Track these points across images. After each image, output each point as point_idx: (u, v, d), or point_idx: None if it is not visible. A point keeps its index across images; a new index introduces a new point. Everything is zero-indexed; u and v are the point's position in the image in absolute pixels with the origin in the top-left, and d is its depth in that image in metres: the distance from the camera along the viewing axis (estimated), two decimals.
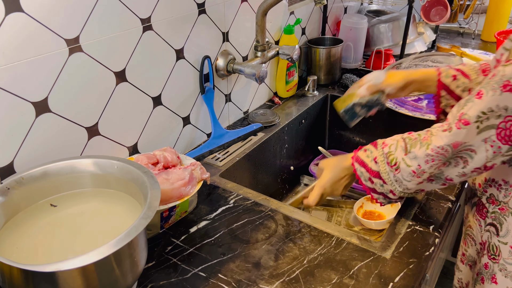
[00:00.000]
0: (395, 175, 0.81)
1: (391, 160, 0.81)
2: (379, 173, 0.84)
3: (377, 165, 0.84)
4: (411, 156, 0.78)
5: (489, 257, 0.89)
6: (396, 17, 1.72)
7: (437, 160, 0.75)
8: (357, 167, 0.87)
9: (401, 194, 0.84)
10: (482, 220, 0.91)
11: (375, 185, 0.85)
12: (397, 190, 0.83)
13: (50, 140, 0.85)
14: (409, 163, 0.78)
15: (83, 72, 0.86)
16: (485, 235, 0.90)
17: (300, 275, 0.79)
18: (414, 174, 0.78)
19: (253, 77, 1.17)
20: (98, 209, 0.78)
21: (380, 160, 0.84)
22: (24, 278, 0.60)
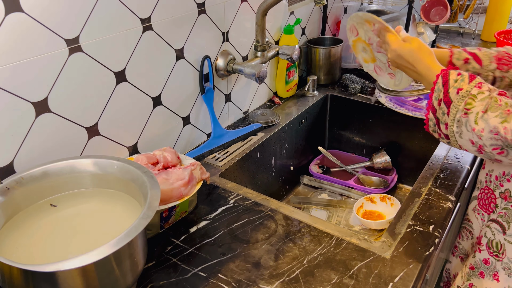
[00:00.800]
0: (461, 117, 0.77)
1: (468, 103, 0.77)
2: (451, 104, 0.78)
3: (457, 96, 0.78)
4: (485, 117, 0.74)
5: (490, 253, 0.89)
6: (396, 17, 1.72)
7: (496, 140, 0.72)
8: (439, 81, 0.82)
9: (451, 134, 0.80)
10: (486, 215, 0.90)
11: (439, 108, 0.81)
12: (451, 128, 0.79)
13: (50, 140, 0.85)
14: (478, 121, 0.75)
15: (83, 72, 0.86)
16: (484, 230, 0.90)
17: (300, 275, 0.79)
18: (474, 131, 0.75)
19: (253, 77, 1.17)
20: (98, 209, 0.78)
21: (461, 95, 0.78)
22: (24, 278, 0.60)
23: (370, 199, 1.27)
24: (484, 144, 0.74)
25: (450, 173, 1.08)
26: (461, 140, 0.78)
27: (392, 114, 1.38)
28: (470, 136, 0.76)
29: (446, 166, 1.11)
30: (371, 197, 1.27)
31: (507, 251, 0.85)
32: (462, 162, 1.13)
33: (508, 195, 0.85)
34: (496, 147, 0.73)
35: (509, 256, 0.85)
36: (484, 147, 0.75)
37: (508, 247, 0.85)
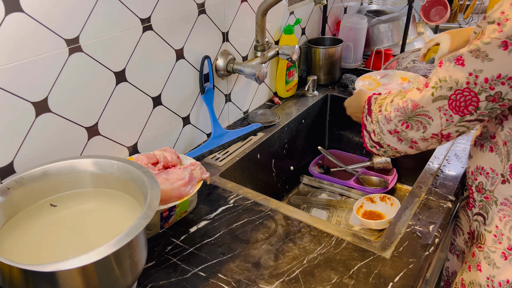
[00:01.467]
0: (377, 116, 0.90)
1: (381, 103, 0.90)
2: (372, 113, 0.92)
3: (375, 106, 0.92)
4: (392, 103, 0.86)
5: (477, 246, 0.92)
6: (396, 17, 1.72)
7: (400, 112, 0.83)
8: (365, 105, 0.96)
9: (378, 138, 0.90)
10: (469, 211, 0.94)
11: (367, 122, 0.94)
12: (376, 131, 0.90)
13: (50, 140, 0.85)
14: (388, 108, 0.87)
15: (83, 72, 0.87)
16: (474, 225, 0.93)
17: (300, 275, 0.79)
18: (385, 119, 0.87)
19: (253, 77, 1.17)
20: (98, 209, 0.78)
21: (378, 103, 0.92)
22: (24, 278, 0.60)
23: (370, 199, 1.27)
24: (395, 124, 0.85)
25: (449, 173, 1.08)
26: (385, 137, 0.89)
27: None
28: (387, 127, 0.87)
29: (446, 166, 1.11)
30: (371, 197, 1.27)
31: (487, 240, 0.88)
32: (462, 162, 1.13)
33: (481, 187, 0.90)
34: (402, 121, 0.83)
35: (488, 245, 0.88)
36: (396, 127, 0.85)
37: (488, 237, 0.88)
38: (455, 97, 0.75)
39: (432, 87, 0.78)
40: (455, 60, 0.74)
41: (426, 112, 0.80)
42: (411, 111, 0.81)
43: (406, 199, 0.99)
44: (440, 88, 0.77)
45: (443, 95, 0.77)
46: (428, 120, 0.80)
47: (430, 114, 0.79)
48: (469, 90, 0.74)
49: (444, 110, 0.77)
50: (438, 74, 0.77)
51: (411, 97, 0.82)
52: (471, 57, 0.72)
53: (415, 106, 0.81)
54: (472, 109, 0.75)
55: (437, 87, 0.77)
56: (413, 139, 0.85)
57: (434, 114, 0.79)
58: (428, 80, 0.80)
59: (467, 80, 0.73)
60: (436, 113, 0.79)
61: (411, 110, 0.81)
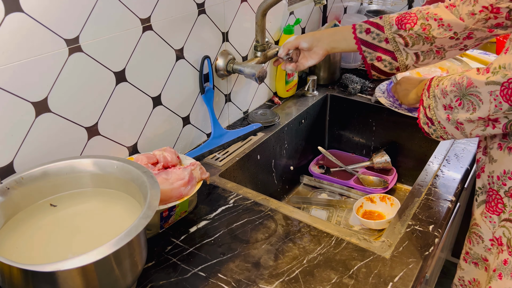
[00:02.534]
0: (435, 91, 0.88)
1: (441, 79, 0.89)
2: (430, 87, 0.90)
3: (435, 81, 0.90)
4: (450, 78, 0.85)
5: (509, 253, 0.87)
6: None
7: (456, 88, 0.81)
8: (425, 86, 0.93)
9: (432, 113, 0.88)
10: (496, 216, 0.90)
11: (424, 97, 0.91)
12: (431, 106, 0.88)
13: (50, 140, 0.85)
14: (445, 83, 0.85)
15: (83, 72, 0.87)
16: (500, 231, 0.89)
17: (299, 275, 0.79)
18: (442, 93, 0.85)
19: (253, 77, 1.17)
20: (97, 209, 0.78)
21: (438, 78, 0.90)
22: (23, 277, 0.60)
23: (370, 199, 1.27)
24: (451, 99, 0.83)
25: (449, 173, 1.08)
26: (438, 112, 0.87)
27: (392, 114, 1.38)
28: (442, 101, 0.85)
29: (446, 166, 1.11)
30: (371, 197, 1.27)
31: None
32: (462, 162, 1.13)
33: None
34: (457, 97, 0.82)
35: None
36: (451, 102, 0.83)
37: None
38: (508, 85, 0.73)
39: (492, 72, 0.76)
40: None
41: (478, 93, 0.78)
42: (466, 87, 0.79)
43: (406, 199, 0.99)
44: (497, 73, 0.75)
45: (497, 81, 0.74)
46: (478, 102, 0.78)
47: (481, 96, 0.77)
48: None
49: (495, 95, 0.75)
50: (500, 60, 0.75)
51: (468, 74, 0.80)
52: None
53: (469, 84, 0.79)
54: None
55: (495, 72, 0.75)
56: (459, 120, 0.83)
57: (485, 97, 0.77)
58: (490, 65, 0.77)
59: None
60: (487, 97, 0.76)
61: (466, 86, 0.79)
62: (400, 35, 0.99)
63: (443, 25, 0.94)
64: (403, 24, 0.99)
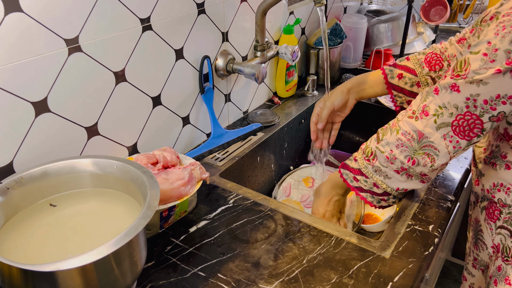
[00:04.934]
0: (374, 165, 0.85)
1: (368, 152, 0.86)
2: (360, 170, 0.88)
3: (357, 162, 0.88)
4: (384, 143, 0.83)
5: (502, 259, 0.89)
6: (396, 17, 1.72)
7: (405, 147, 0.80)
8: (342, 171, 0.92)
9: (383, 186, 0.86)
10: (493, 223, 0.91)
11: (360, 183, 0.88)
12: (379, 181, 0.86)
13: (50, 140, 0.85)
14: (382, 149, 0.83)
15: (83, 72, 0.87)
16: (497, 238, 0.90)
17: (299, 275, 0.79)
18: (388, 160, 0.83)
19: (252, 77, 1.17)
20: (97, 209, 0.78)
21: (359, 157, 0.88)
22: (23, 277, 0.60)
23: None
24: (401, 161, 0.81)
25: (449, 173, 1.08)
26: (391, 181, 0.85)
27: (392, 114, 1.37)
28: (391, 167, 0.83)
29: None
30: None
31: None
32: (462, 162, 1.13)
33: (502, 203, 0.87)
34: (408, 157, 0.81)
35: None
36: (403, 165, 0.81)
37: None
38: (457, 122, 0.74)
39: (433, 115, 0.76)
40: (450, 87, 0.74)
41: (431, 143, 0.78)
42: (418, 141, 0.79)
43: (406, 199, 0.99)
44: (442, 114, 0.75)
45: (446, 122, 0.75)
46: (434, 151, 0.78)
47: (435, 145, 0.78)
48: (470, 113, 0.73)
49: (450, 137, 0.76)
50: (436, 101, 0.76)
51: (411, 127, 0.79)
52: (465, 83, 0.72)
53: (421, 136, 0.78)
54: (478, 131, 0.74)
55: (438, 114, 0.76)
56: (422, 173, 0.82)
57: (439, 144, 0.77)
58: (425, 108, 0.78)
59: (466, 104, 0.72)
60: (441, 142, 0.77)
61: (418, 140, 0.79)
62: (431, 76, 0.99)
63: None
64: (432, 65, 0.99)
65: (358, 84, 1.07)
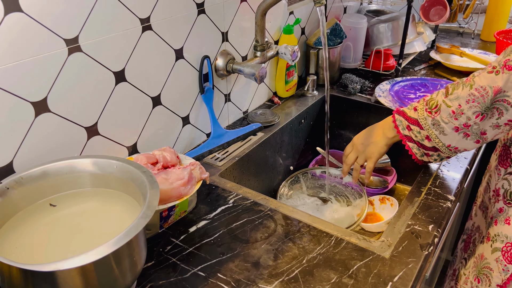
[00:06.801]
0: (434, 118, 0.81)
1: (432, 105, 0.82)
2: (417, 120, 0.84)
3: (416, 112, 0.85)
4: (453, 97, 0.79)
5: (505, 202, 0.89)
6: (396, 17, 1.72)
7: (477, 102, 0.76)
8: (396, 117, 0.89)
9: (435, 141, 0.83)
10: (503, 169, 0.91)
11: (412, 133, 0.86)
12: (433, 135, 0.83)
13: (49, 140, 0.85)
14: (450, 104, 0.79)
15: (82, 72, 0.87)
16: (501, 183, 0.90)
17: (299, 275, 0.79)
18: (453, 115, 0.79)
19: (252, 77, 1.17)
20: (97, 209, 0.78)
21: (420, 108, 0.84)
22: (23, 277, 0.60)
23: (370, 202, 1.26)
24: (468, 117, 0.77)
25: (449, 173, 1.08)
26: (446, 137, 0.82)
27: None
28: (452, 124, 0.80)
29: (446, 166, 1.11)
30: (371, 199, 1.27)
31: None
32: (462, 162, 1.13)
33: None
34: (478, 112, 0.76)
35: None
36: (469, 121, 0.78)
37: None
38: None
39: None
40: None
41: (506, 97, 0.73)
42: (492, 97, 0.75)
43: (406, 199, 0.99)
44: None
45: None
46: (506, 106, 0.74)
47: (510, 99, 0.73)
48: None
49: None
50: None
51: (488, 82, 0.75)
52: None
53: (497, 91, 0.74)
54: None
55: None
56: (483, 130, 0.78)
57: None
58: (509, 62, 0.73)
59: None
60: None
61: (492, 96, 0.74)
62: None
63: None
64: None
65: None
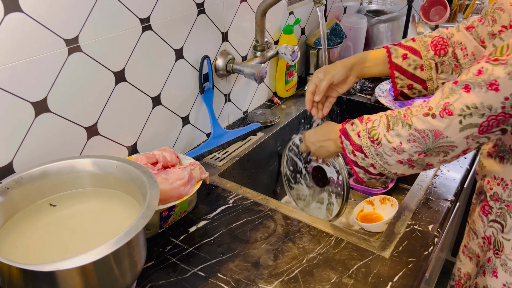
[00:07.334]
0: (376, 149, 0.81)
1: (373, 135, 0.81)
2: (361, 147, 0.83)
3: (360, 139, 0.84)
4: (394, 134, 0.78)
5: (494, 252, 0.89)
6: (396, 17, 1.72)
7: (418, 143, 0.75)
8: (343, 139, 0.87)
9: (381, 169, 0.83)
10: (485, 217, 0.91)
11: (357, 158, 0.85)
12: (378, 164, 0.82)
13: (49, 140, 0.85)
14: (390, 140, 0.78)
15: (82, 72, 0.87)
16: (489, 231, 0.91)
17: (299, 275, 0.79)
18: (395, 150, 0.78)
19: (252, 77, 1.17)
20: (97, 209, 0.78)
21: (363, 135, 0.83)
22: (23, 277, 0.60)
23: (370, 202, 1.26)
24: (410, 155, 0.77)
25: (449, 173, 1.08)
26: (391, 167, 0.81)
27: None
28: (395, 158, 0.79)
29: (446, 166, 1.11)
30: (371, 200, 1.27)
31: (505, 248, 0.86)
32: (462, 162, 1.13)
33: (497, 197, 0.87)
34: (419, 152, 0.76)
35: (506, 253, 0.86)
36: (411, 157, 0.77)
37: (506, 244, 0.86)
38: (488, 123, 0.69)
39: (458, 115, 0.70)
40: (487, 85, 0.68)
41: (451, 142, 0.72)
42: (433, 141, 0.74)
43: (406, 199, 0.99)
44: (470, 115, 0.69)
45: (474, 123, 0.69)
46: (452, 149, 0.74)
47: (455, 144, 0.72)
48: (504, 114, 0.68)
49: (473, 136, 0.71)
50: (464, 100, 0.70)
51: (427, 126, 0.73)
52: (509, 80, 0.66)
53: (438, 136, 0.73)
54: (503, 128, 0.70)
55: (465, 114, 0.70)
56: (429, 163, 0.78)
57: (460, 143, 0.72)
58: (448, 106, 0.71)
59: (502, 105, 0.67)
60: (463, 142, 0.72)
61: (433, 140, 0.73)
62: (434, 60, 0.95)
63: (467, 54, 0.91)
64: (438, 49, 0.94)
65: (361, 61, 1.02)
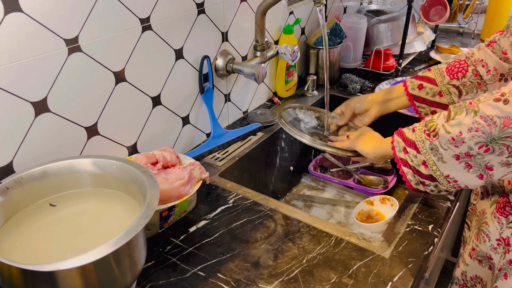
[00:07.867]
0: (432, 142, 0.75)
1: (430, 127, 0.76)
2: (415, 142, 0.78)
3: (414, 134, 0.79)
4: (454, 123, 0.71)
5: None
6: (396, 17, 1.72)
7: (481, 132, 0.68)
8: (395, 138, 0.85)
9: (433, 168, 0.76)
10: (504, 218, 0.89)
11: (407, 156, 0.80)
12: (430, 161, 0.76)
13: (49, 140, 0.85)
14: (449, 130, 0.72)
15: (82, 72, 0.87)
16: (507, 232, 0.89)
17: (299, 275, 0.79)
18: (453, 142, 0.71)
19: (252, 77, 1.17)
20: (97, 209, 0.78)
21: (418, 129, 0.79)
22: (23, 277, 0.60)
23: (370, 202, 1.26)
24: (469, 147, 0.70)
25: None
26: (445, 165, 0.75)
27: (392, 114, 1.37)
28: (451, 152, 0.73)
29: None
30: (371, 200, 1.27)
31: None
32: None
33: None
34: (481, 143, 0.69)
35: None
36: (470, 151, 0.70)
37: None
38: None
39: None
40: None
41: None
42: (500, 130, 0.66)
43: (406, 199, 0.99)
44: None
45: None
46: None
47: None
48: None
49: None
50: None
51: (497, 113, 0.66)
52: None
53: (507, 124, 0.65)
54: None
55: None
56: (489, 164, 0.70)
57: None
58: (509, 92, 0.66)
59: None
60: None
61: (500, 129, 0.66)
62: (454, 85, 0.96)
63: (489, 70, 0.91)
64: (454, 73, 0.96)
65: (384, 94, 1.06)
